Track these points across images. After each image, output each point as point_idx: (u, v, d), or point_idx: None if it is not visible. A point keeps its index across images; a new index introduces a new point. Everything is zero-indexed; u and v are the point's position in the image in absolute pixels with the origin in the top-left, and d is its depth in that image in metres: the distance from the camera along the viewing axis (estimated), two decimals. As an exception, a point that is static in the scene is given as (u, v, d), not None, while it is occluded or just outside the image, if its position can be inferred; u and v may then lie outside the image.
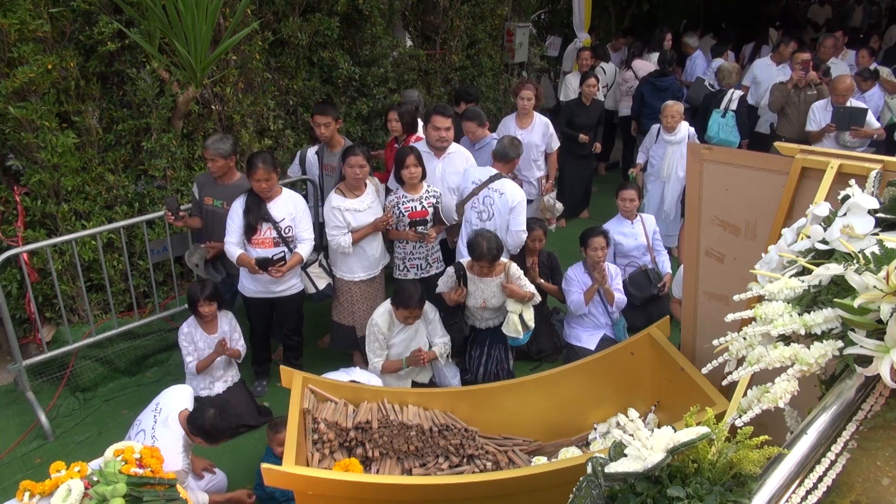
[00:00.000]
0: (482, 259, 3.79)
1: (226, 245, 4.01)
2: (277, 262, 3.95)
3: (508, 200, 4.19)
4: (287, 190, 4.12)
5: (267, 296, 4.13)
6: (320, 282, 4.32)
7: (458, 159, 4.60)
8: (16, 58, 3.93)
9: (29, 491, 2.02)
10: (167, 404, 3.10)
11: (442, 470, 3.22)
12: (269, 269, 3.91)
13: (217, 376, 4.02)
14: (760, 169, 2.47)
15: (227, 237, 3.99)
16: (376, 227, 4.24)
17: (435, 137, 4.47)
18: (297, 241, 4.06)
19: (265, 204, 3.97)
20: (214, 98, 4.88)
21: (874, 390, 1.25)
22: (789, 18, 11.14)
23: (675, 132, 5.71)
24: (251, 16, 4.95)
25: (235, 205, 4.01)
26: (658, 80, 7.12)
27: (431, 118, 4.45)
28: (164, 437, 2.94)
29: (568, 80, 7.39)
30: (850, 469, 1.25)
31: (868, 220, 1.36)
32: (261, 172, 3.84)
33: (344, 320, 4.47)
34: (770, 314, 1.29)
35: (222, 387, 4.03)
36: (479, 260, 3.81)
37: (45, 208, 4.18)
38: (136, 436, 3.00)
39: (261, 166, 3.84)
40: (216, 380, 4.02)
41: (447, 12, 6.80)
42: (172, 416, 3.02)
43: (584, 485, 1.27)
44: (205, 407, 3.03)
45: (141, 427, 3.04)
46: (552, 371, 3.64)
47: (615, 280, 4.34)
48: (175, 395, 3.17)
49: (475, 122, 4.99)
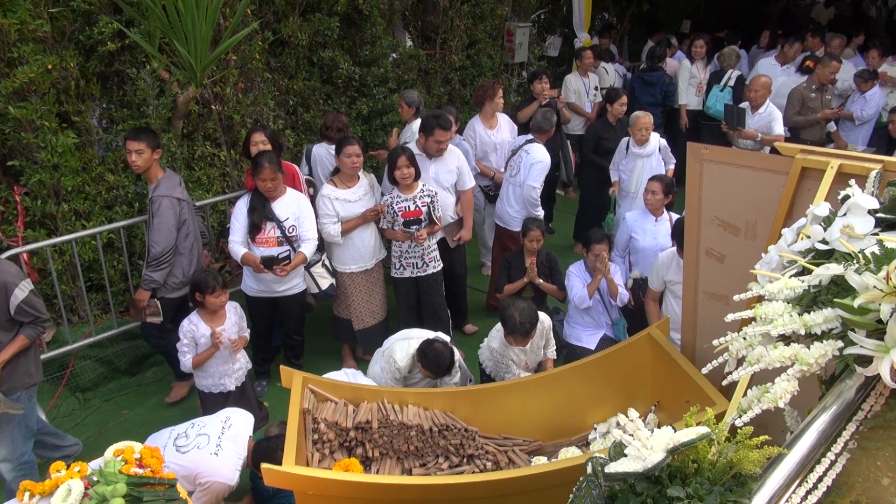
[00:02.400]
0: (515, 333, 3.53)
1: (230, 244, 4.03)
2: (282, 260, 3.96)
3: (531, 159, 4.99)
4: (291, 189, 4.13)
5: (270, 295, 4.14)
6: (323, 282, 4.33)
7: (451, 159, 4.65)
8: (16, 58, 3.93)
9: (29, 491, 2.02)
10: (238, 422, 3.15)
11: (442, 470, 3.21)
12: (273, 267, 3.91)
13: (226, 371, 3.79)
14: (760, 169, 2.47)
15: (232, 236, 4.00)
16: (365, 218, 4.28)
17: (435, 149, 4.52)
18: (301, 240, 4.07)
19: (269, 203, 3.98)
20: (214, 98, 4.88)
21: (874, 390, 1.25)
22: (790, 19, 11.14)
23: (645, 145, 5.36)
24: (251, 16, 4.96)
25: (240, 203, 4.03)
26: (646, 74, 7.41)
27: (434, 132, 4.44)
28: (230, 451, 3.01)
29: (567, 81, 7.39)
30: (850, 469, 1.25)
31: (868, 220, 1.36)
32: (266, 172, 3.86)
33: (342, 313, 4.50)
34: (770, 314, 1.29)
35: (233, 384, 3.83)
36: (513, 333, 3.54)
37: (45, 208, 4.18)
38: (198, 437, 3.02)
39: (266, 166, 3.86)
40: (225, 375, 3.80)
41: (447, 12, 6.80)
42: (242, 436, 3.09)
43: (584, 485, 1.27)
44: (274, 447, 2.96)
45: (205, 431, 3.06)
46: (552, 371, 3.64)
47: (616, 275, 4.33)
48: (245, 419, 3.24)
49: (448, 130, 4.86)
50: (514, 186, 5.11)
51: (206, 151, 4.89)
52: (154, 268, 3.84)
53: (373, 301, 4.50)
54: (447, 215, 4.65)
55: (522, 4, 7.91)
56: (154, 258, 3.83)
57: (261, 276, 4.02)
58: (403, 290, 4.52)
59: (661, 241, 4.39)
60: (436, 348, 3.48)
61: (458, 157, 4.69)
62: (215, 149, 4.99)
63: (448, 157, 4.64)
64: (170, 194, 3.84)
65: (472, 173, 4.97)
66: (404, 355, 3.61)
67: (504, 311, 3.58)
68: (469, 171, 4.81)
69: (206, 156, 4.90)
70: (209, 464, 2.91)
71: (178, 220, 3.88)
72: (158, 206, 3.82)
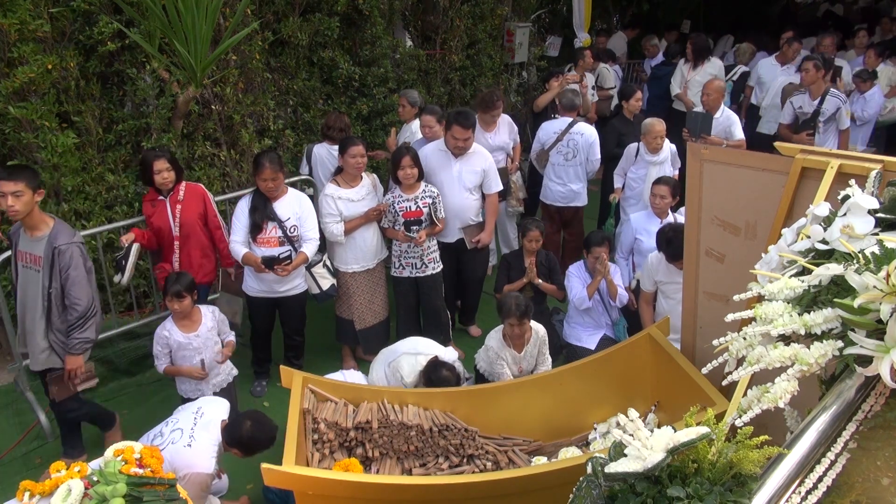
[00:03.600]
0: (510, 316, 3.66)
1: (231, 244, 4.02)
2: (283, 260, 3.95)
3: (588, 137, 5.38)
4: (293, 189, 4.13)
5: (271, 295, 4.14)
6: (324, 282, 4.31)
7: (477, 160, 4.55)
8: (16, 58, 3.93)
9: (29, 491, 2.02)
10: (209, 410, 3.13)
11: (442, 470, 3.22)
12: (274, 267, 3.91)
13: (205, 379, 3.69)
14: (760, 169, 2.47)
15: (233, 236, 3.99)
16: (368, 217, 4.28)
17: (453, 146, 4.45)
18: (303, 240, 4.07)
19: (271, 203, 3.98)
20: (214, 98, 4.88)
21: (874, 390, 1.25)
22: (790, 19, 11.13)
23: (659, 153, 5.22)
24: (251, 16, 4.96)
25: (241, 203, 4.03)
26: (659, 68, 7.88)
27: (452, 127, 4.38)
28: (203, 440, 2.98)
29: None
30: (850, 469, 1.25)
31: (868, 220, 1.36)
32: (268, 172, 3.86)
33: (344, 314, 4.49)
34: (770, 314, 1.29)
35: (210, 390, 3.71)
36: (508, 317, 3.68)
37: (45, 208, 4.18)
38: (171, 433, 3.01)
39: (268, 166, 3.85)
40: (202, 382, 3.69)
41: (447, 12, 6.79)
42: (214, 422, 3.06)
43: (584, 485, 1.27)
44: (241, 419, 3.04)
45: (178, 426, 3.05)
46: (552, 371, 3.65)
47: (615, 276, 4.33)
48: (217, 405, 3.22)
49: (434, 116, 4.85)
50: (575, 167, 5.46)
51: (206, 151, 4.89)
52: (81, 327, 3.36)
53: (375, 300, 4.50)
54: (468, 218, 4.56)
55: (522, 4, 7.91)
56: (80, 316, 3.34)
57: (262, 276, 4.01)
58: (403, 289, 4.52)
59: None
60: (442, 376, 3.58)
61: (485, 160, 4.58)
62: (215, 149, 4.99)
63: (474, 157, 4.54)
64: (76, 241, 3.36)
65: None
66: (411, 371, 3.67)
67: (501, 300, 3.79)
68: (496, 175, 4.68)
69: (206, 156, 4.90)
70: (184, 456, 2.90)
71: (87, 267, 3.39)
72: (70, 256, 3.29)
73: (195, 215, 4.04)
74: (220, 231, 4.17)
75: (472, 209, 4.58)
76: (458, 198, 4.50)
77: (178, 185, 4.01)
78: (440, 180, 4.49)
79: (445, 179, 4.48)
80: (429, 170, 4.48)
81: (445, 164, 4.48)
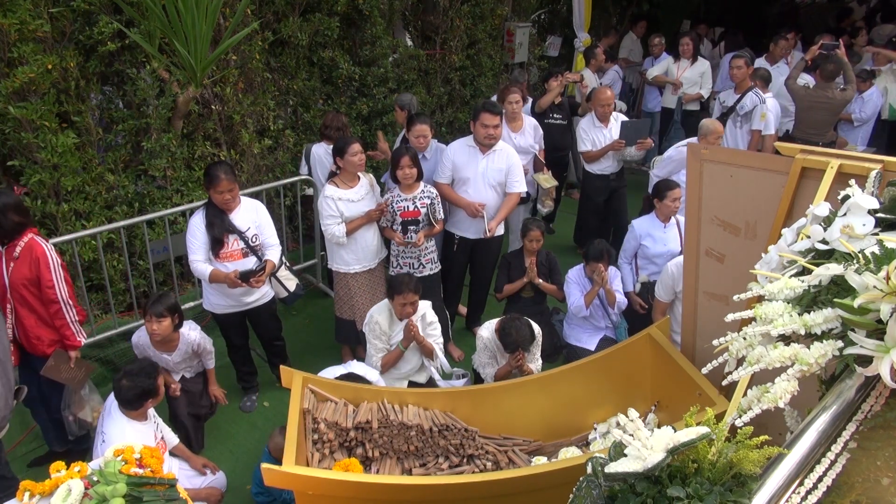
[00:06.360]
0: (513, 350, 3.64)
1: (192, 263, 3.79)
2: (259, 272, 3.84)
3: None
4: (245, 198, 3.98)
5: (240, 309, 4.02)
6: (290, 283, 4.27)
7: (501, 157, 4.53)
8: (16, 58, 3.93)
9: (29, 491, 2.02)
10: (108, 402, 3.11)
11: (442, 470, 3.22)
12: (250, 280, 3.79)
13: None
14: (760, 169, 2.47)
15: (192, 255, 3.76)
16: (369, 217, 4.27)
17: (483, 135, 4.40)
18: (265, 247, 3.96)
19: (227, 215, 3.80)
20: (214, 98, 4.89)
21: (874, 390, 1.25)
22: (789, 18, 11.12)
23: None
24: (251, 16, 4.96)
25: (195, 220, 3.78)
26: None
27: (480, 115, 4.37)
28: (111, 427, 2.96)
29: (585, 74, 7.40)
30: (850, 469, 1.25)
31: (868, 220, 1.36)
32: (224, 184, 3.67)
33: (345, 314, 4.48)
34: (770, 314, 1.29)
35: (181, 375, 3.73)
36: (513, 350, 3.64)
37: (45, 208, 4.18)
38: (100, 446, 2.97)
39: (223, 178, 3.66)
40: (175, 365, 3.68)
41: (447, 12, 6.80)
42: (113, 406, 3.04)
43: (584, 485, 1.27)
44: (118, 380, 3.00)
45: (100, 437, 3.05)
46: (552, 371, 3.64)
47: (614, 282, 4.32)
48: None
49: (427, 124, 4.64)
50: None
51: (206, 151, 4.89)
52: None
53: (376, 300, 4.48)
54: (491, 214, 4.53)
55: (522, 4, 7.91)
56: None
57: (229, 291, 3.86)
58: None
59: (671, 247, 4.35)
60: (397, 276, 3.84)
61: (509, 157, 4.53)
62: (215, 149, 4.99)
63: (499, 154, 4.51)
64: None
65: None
66: (380, 310, 3.85)
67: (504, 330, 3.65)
68: (521, 176, 4.63)
69: (206, 156, 4.90)
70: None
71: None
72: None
73: (24, 279, 3.23)
74: (56, 305, 3.29)
75: (493, 208, 4.56)
76: (482, 194, 4.49)
77: (18, 238, 3.23)
78: (465, 176, 4.48)
79: (471, 175, 4.47)
80: (455, 165, 4.48)
81: (472, 159, 4.46)
